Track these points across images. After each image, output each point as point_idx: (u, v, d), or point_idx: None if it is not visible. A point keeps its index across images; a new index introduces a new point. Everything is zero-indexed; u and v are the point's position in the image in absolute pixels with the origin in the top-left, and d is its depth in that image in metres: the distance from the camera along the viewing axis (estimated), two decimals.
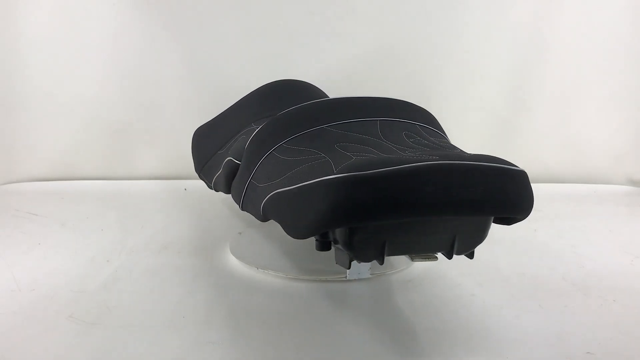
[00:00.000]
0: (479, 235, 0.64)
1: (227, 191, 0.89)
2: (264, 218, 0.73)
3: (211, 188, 1.02)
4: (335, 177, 0.57)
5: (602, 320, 0.73)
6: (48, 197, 1.32)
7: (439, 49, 1.47)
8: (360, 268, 0.83)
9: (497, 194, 0.58)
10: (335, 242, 0.65)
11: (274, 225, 1.03)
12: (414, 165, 0.55)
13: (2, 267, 0.89)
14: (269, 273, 0.86)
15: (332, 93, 1.46)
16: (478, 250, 0.66)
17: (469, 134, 1.49)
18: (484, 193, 0.57)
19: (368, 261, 0.63)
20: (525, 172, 0.61)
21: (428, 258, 0.67)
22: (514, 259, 0.92)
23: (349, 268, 0.66)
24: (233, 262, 0.92)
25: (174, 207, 1.24)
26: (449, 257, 0.65)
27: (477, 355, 0.64)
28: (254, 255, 0.92)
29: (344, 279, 0.84)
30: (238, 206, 0.82)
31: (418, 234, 0.62)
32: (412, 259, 0.67)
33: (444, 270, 0.88)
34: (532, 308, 0.76)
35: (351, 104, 0.77)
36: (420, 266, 0.89)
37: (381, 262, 0.62)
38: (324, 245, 0.66)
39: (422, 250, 0.65)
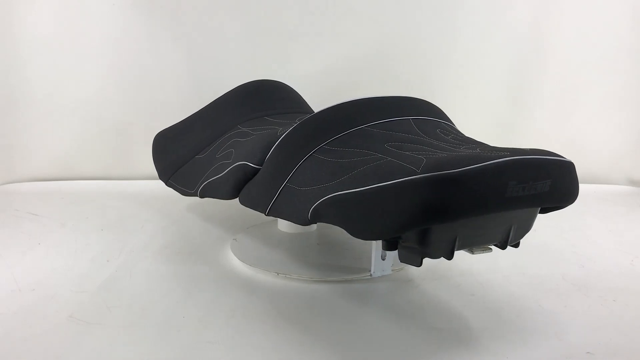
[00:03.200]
0: (529, 225, 0.68)
1: (231, 196, 0.87)
2: (311, 221, 0.71)
3: (188, 194, 0.98)
4: (425, 176, 0.57)
5: (602, 320, 0.73)
6: (48, 197, 1.32)
7: (439, 49, 1.47)
8: (384, 265, 0.83)
9: (561, 185, 0.63)
10: (405, 241, 0.64)
11: (271, 229, 1.04)
12: (499, 162, 0.58)
13: (2, 267, 0.89)
14: (291, 277, 0.84)
15: (332, 93, 1.47)
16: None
17: (469, 134, 1.49)
18: (552, 185, 0.61)
19: (438, 257, 0.64)
20: (574, 163, 0.65)
21: (485, 250, 0.68)
22: (514, 259, 0.92)
23: (420, 265, 0.65)
24: (233, 262, 0.92)
25: (173, 207, 1.24)
26: (503, 247, 0.67)
27: (477, 355, 0.64)
28: (268, 261, 0.90)
29: (369, 277, 0.84)
30: (262, 212, 0.79)
31: (485, 227, 0.64)
32: (473, 252, 0.68)
33: (444, 270, 0.88)
34: (532, 308, 0.76)
35: (383, 104, 0.78)
36: (421, 266, 0.89)
37: (451, 258, 0.63)
38: (391, 244, 0.66)
39: (484, 242, 0.67)
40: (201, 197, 0.95)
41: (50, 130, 1.46)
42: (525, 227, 0.68)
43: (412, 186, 0.57)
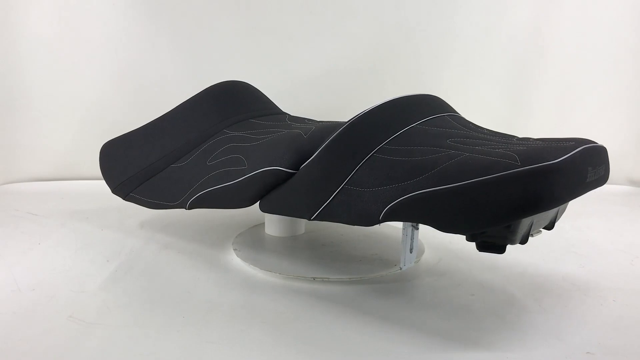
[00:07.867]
0: (565, 207, 0.76)
1: (248, 204, 0.84)
2: (381, 222, 0.70)
3: (163, 207, 0.94)
4: (529, 168, 0.60)
5: (602, 320, 0.73)
6: (48, 197, 1.32)
7: (439, 49, 1.47)
8: (412, 257, 0.83)
9: (608, 168, 0.71)
10: (491, 230, 0.66)
11: (262, 233, 1.03)
12: (582, 149, 0.63)
13: (2, 267, 0.89)
14: (329, 280, 0.83)
15: (333, 93, 1.47)
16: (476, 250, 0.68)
17: None
18: (604, 169, 0.69)
19: (516, 243, 0.67)
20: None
21: (539, 232, 0.73)
22: (514, 259, 0.92)
23: (503, 252, 0.67)
24: (233, 262, 0.92)
25: None
26: (550, 228, 0.75)
27: (478, 354, 0.64)
28: (290, 267, 0.88)
29: (399, 270, 0.85)
30: (305, 217, 0.77)
31: (549, 211, 0.68)
32: (532, 235, 0.71)
33: (444, 270, 0.88)
34: (532, 308, 0.76)
35: (420, 102, 0.81)
36: (422, 265, 0.90)
37: (525, 242, 0.68)
38: (475, 235, 0.68)
39: (542, 225, 0.72)
40: (190, 208, 0.90)
41: (50, 130, 1.46)
42: (564, 210, 0.75)
43: (516, 178, 0.60)
